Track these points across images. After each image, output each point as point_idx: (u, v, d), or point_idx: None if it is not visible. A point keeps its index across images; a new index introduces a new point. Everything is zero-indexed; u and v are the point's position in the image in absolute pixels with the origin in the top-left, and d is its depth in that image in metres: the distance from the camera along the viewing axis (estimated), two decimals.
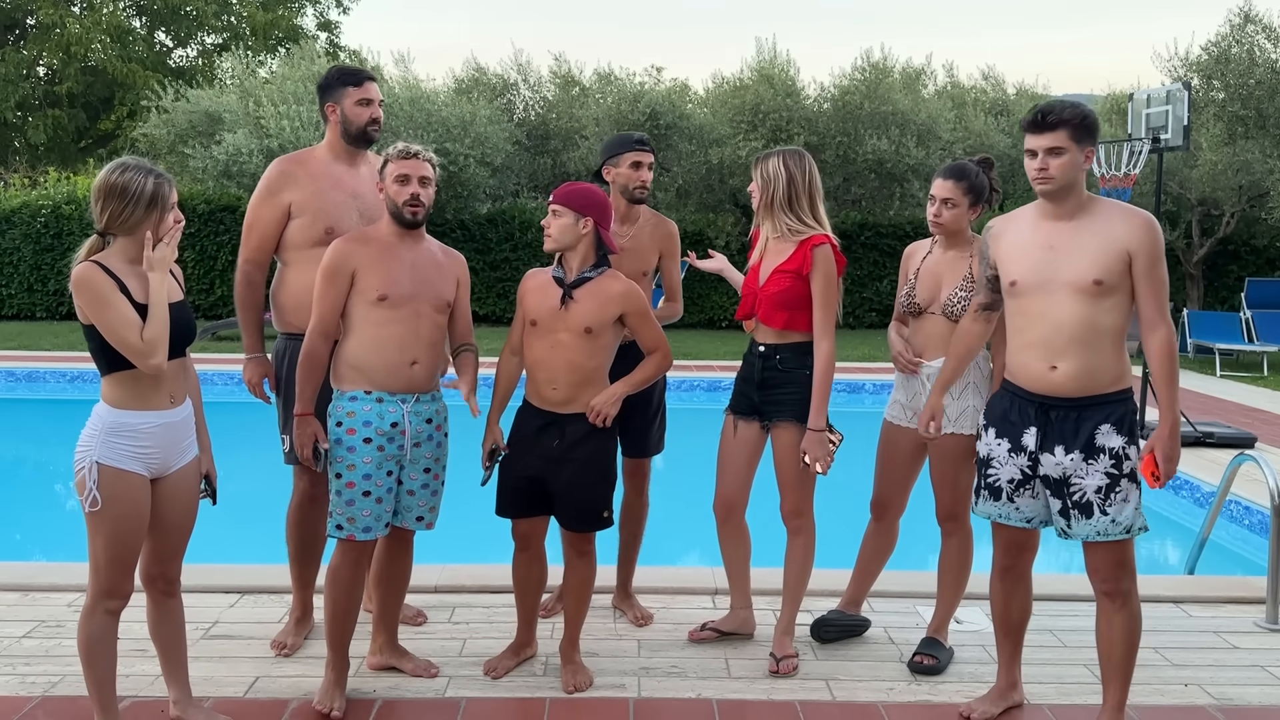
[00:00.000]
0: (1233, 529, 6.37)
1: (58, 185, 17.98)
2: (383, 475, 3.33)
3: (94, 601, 2.94)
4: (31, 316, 17.07)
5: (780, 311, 3.62)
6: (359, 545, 3.34)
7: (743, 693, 3.50)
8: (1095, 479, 3.04)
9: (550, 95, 17.87)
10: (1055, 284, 3.02)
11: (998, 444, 3.19)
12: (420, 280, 3.36)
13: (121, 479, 2.87)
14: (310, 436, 3.33)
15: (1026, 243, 3.10)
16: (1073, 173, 3.00)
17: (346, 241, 3.38)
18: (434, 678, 3.54)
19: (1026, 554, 3.31)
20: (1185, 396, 10.39)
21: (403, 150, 3.34)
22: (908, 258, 3.84)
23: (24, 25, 23.88)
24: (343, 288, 3.33)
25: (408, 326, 3.32)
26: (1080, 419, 3.05)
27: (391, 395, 3.33)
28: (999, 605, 3.37)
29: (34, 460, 8.88)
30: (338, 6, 27.95)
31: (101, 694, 2.98)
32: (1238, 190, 14.72)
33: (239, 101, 15.36)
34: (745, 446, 3.77)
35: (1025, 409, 3.13)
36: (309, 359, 3.35)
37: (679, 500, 5.80)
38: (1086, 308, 2.99)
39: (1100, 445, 3.03)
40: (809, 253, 3.60)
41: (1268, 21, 13.98)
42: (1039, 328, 3.05)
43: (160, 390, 2.94)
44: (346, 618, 3.36)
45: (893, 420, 3.83)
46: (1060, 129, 2.97)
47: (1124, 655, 3.14)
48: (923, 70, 17.61)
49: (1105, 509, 3.04)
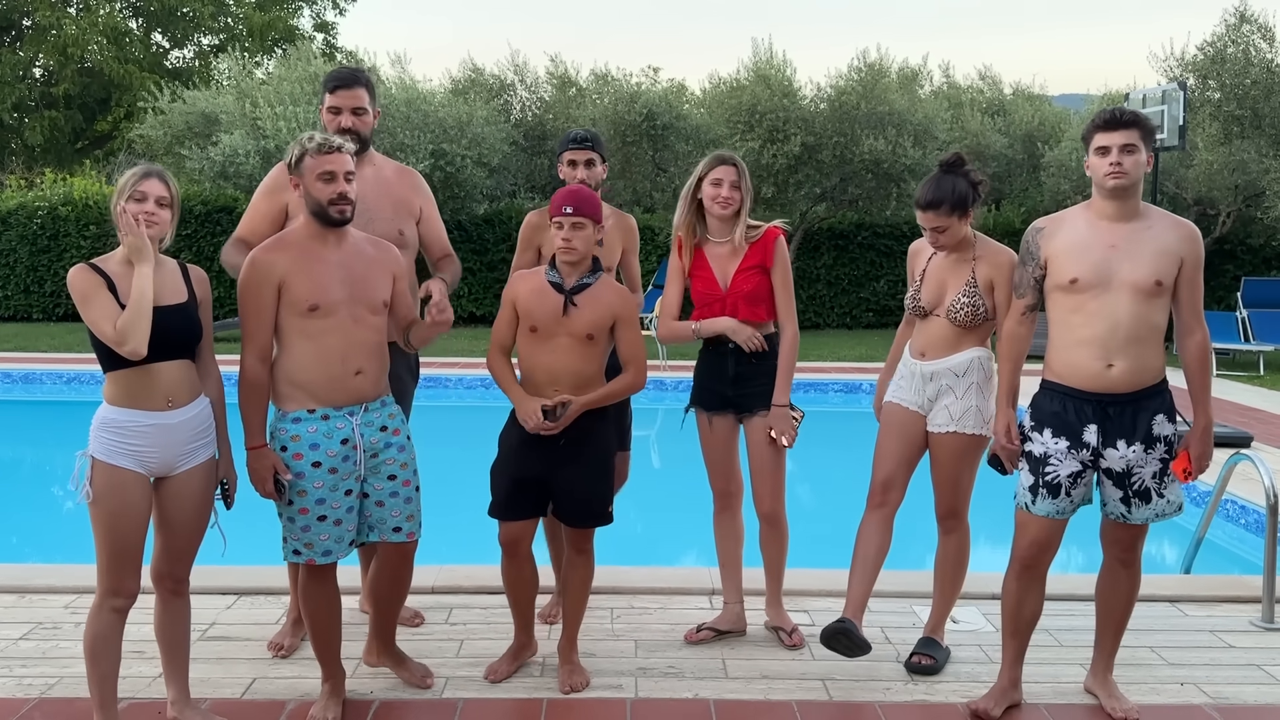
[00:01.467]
0: (1229, 528, 6.38)
1: (54, 186, 17.95)
2: (339, 496, 3.16)
3: (100, 599, 2.97)
4: (28, 318, 17.05)
5: (759, 307, 3.75)
6: (323, 566, 3.22)
7: (740, 693, 3.50)
8: (1153, 466, 3.23)
9: (547, 96, 17.89)
10: (1117, 282, 3.14)
11: (1055, 442, 3.25)
12: (352, 281, 3.15)
13: (113, 474, 2.90)
14: (269, 469, 3.11)
15: (1086, 242, 3.19)
16: (1140, 171, 3.15)
17: (264, 251, 3.14)
18: (429, 688, 3.47)
19: (1049, 553, 3.36)
20: (1180, 395, 10.37)
21: (324, 144, 3.10)
22: (915, 255, 3.81)
23: (20, 26, 23.86)
24: (269, 301, 3.08)
25: (345, 335, 3.12)
26: (1137, 412, 3.21)
27: (337, 410, 3.14)
28: (1012, 603, 3.40)
29: (31, 462, 8.87)
30: (334, 8, 27.96)
31: (102, 692, 2.99)
32: (1234, 190, 14.74)
33: (235, 102, 15.35)
34: (727, 439, 3.88)
35: (1083, 407, 3.22)
36: (249, 386, 3.12)
37: (677, 501, 5.80)
38: (1143, 307, 3.14)
39: (1157, 435, 3.22)
40: (771, 245, 3.76)
41: (1263, 21, 14.02)
42: (1096, 326, 3.16)
43: (154, 392, 2.93)
44: (328, 634, 3.28)
45: (899, 401, 3.72)
46: (1134, 128, 3.13)
47: (1125, 612, 3.46)
48: (919, 70, 17.63)
49: (1162, 492, 3.26)
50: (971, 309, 3.54)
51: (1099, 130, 3.16)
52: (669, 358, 11.70)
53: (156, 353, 2.91)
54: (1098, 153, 3.16)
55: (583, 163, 3.93)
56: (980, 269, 3.57)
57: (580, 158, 3.93)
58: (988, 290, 3.56)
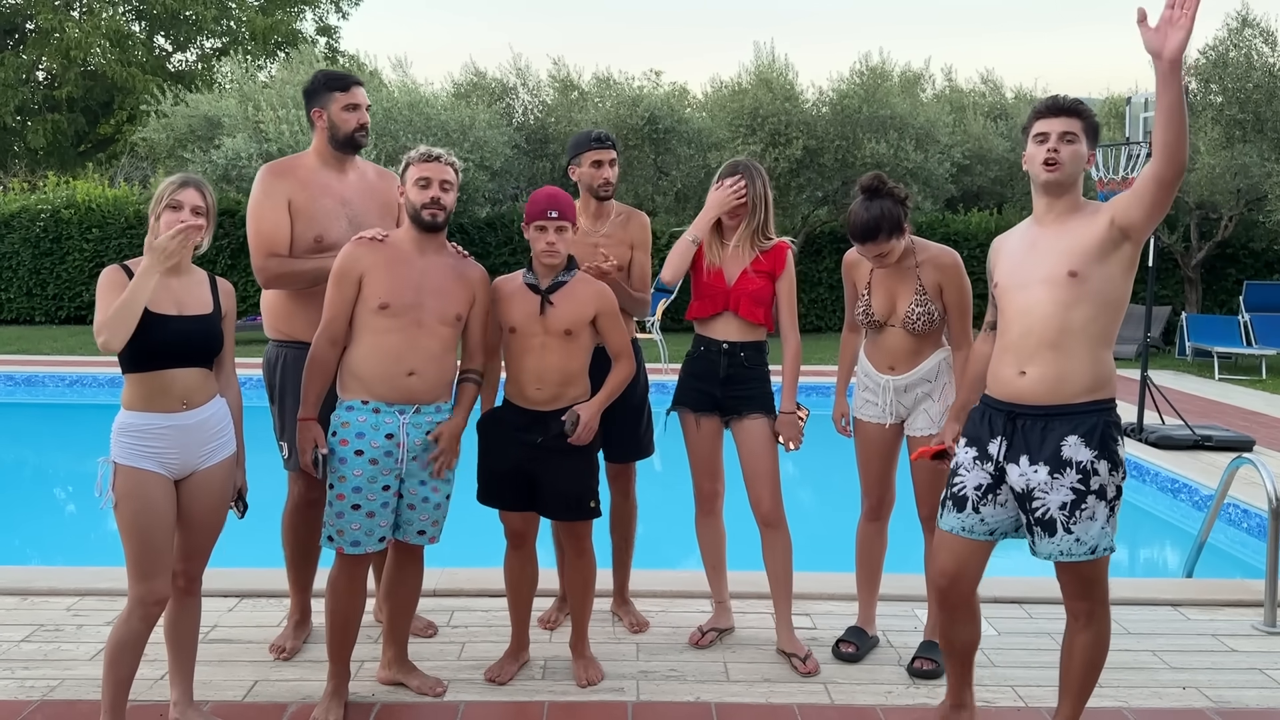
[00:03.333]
0: (1231, 532, 6.37)
1: (57, 189, 17.99)
2: (376, 489, 3.25)
3: (130, 606, 2.97)
4: (30, 321, 17.09)
5: (759, 307, 3.75)
6: (353, 557, 3.29)
7: (741, 696, 3.50)
8: (1060, 494, 2.83)
9: (549, 99, 17.91)
10: (1033, 281, 2.88)
11: (965, 452, 3.04)
12: (428, 290, 3.28)
13: (133, 476, 2.92)
14: (310, 441, 3.28)
15: (1014, 246, 3.02)
16: (1079, 166, 2.87)
17: (358, 245, 3.32)
18: (439, 697, 3.46)
19: (962, 583, 3.05)
20: (1184, 399, 10.40)
21: (424, 154, 3.30)
22: (853, 266, 3.77)
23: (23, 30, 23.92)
24: (349, 293, 3.27)
25: (405, 336, 3.25)
26: (1046, 429, 2.86)
27: (389, 406, 3.26)
28: (942, 632, 3.18)
29: (33, 464, 8.88)
30: (337, 11, 28.02)
31: (114, 696, 3.00)
32: (1236, 194, 14.75)
33: (238, 106, 15.38)
34: (713, 441, 3.87)
35: (994, 417, 2.97)
36: (312, 362, 3.30)
37: (678, 504, 5.80)
38: (1058, 306, 2.82)
39: (1067, 458, 2.83)
40: (783, 256, 3.78)
41: (1265, 25, 14.03)
42: (1013, 330, 2.92)
43: (170, 395, 2.97)
44: (345, 626, 3.32)
45: (867, 419, 3.78)
46: (1076, 117, 2.88)
47: (1082, 674, 2.98)
48: (921, 74, 17.69)
49: (1070, 527, 2.83)
50: (927, 317, 3.58)
51: (1039, 117, 2.91)
52: (670, 360, 11.70)
53: (176, 360, 2.96)
54: (1036, 140, 2.90)
55: (608, 162, 3.91)
56: (925, 275, 3.58)
57: (605, 157, 3.90)
58: (936, 295, 3.59)
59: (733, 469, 3.85)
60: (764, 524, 3.79)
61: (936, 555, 3.09)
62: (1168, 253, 16.45)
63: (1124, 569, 6.29)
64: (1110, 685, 3.61)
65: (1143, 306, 16.19)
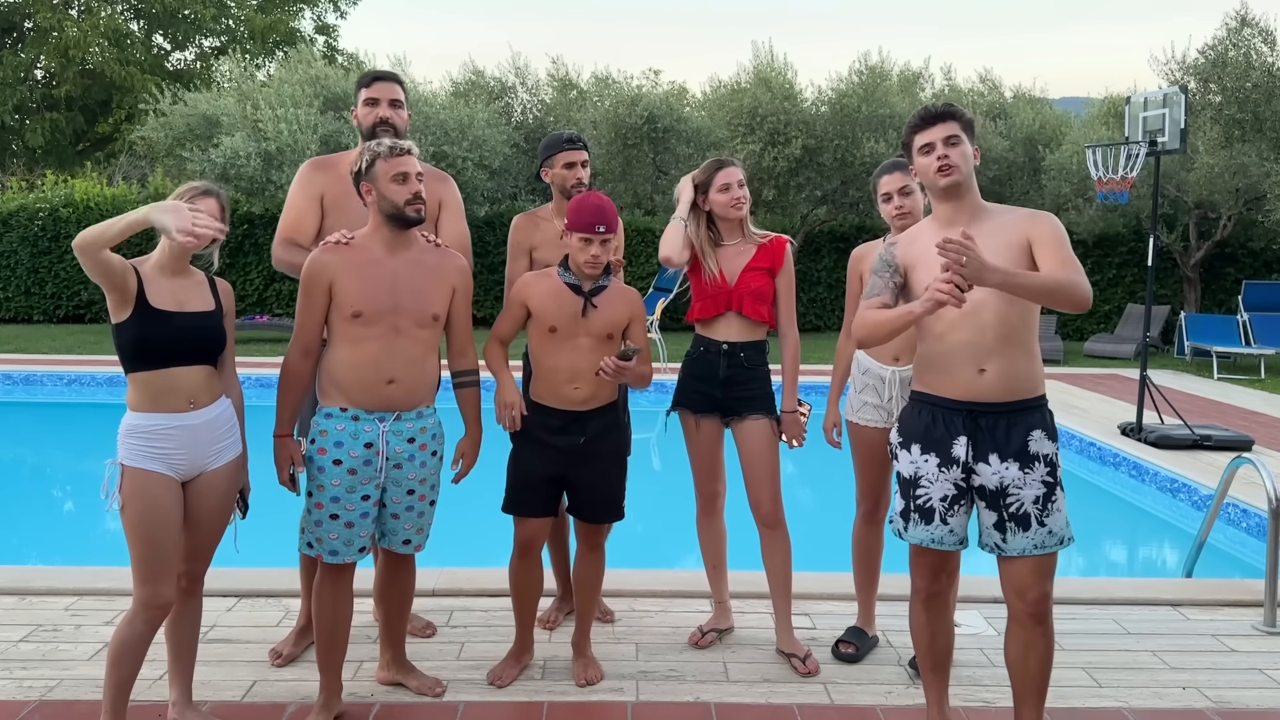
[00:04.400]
0: (1230, 532, 6.38)
1: (55, 188, 17.99)
2: (355, 499, 3.17)
3: (134, 609, 2.95)
4: (29, 319, 17.07)
5: (762, 305, 3.75)
6: (336, 565, 3.23)
7: (741, 696, 3.50)
8: (1033, 489, 2.86)
9: (548, 98, 17.91)
10: None
11: (924, 460, 2.95)
12: (403, 292, 3.18)
13: (140, 477, 2.91)
14: (286, 459, 3.21)
15: (931, 250, 2.93)
16: (969, 163, 2.92)
17: (324, 250, 3.20)
18: (439, 697, 3.45)
19: (951, 577, 3.12)
20: (1183, 399, 10.40)
21: (394, 147, 3.17)
22: (860, 261, 3.80)
23: (22, 29, 23.89)
24: (320, 301, 3.17)
25: (383, 344, 3.16)
26: (1010, 426, 2.87)
27: (368, 414, 3.17)
28: (925, 637, 3.14)
29: (31, 463, 8.87)
30: (335, 10, 28.00)
31: (115, 698, 2.99)
32: (1235, 193, 14.75)
33: (236, 105, 15.36)
34: (713, 442, 3.87)
35: (952, 419, 2.91)
36: (286, 375, 3.23)
37: (678, 504, 5.80)
38: (1007, 303, 2.85)
39: (1035, 453, 2.87)
40: (782, 251, 3.79)
41: (1264, 25, 14.03)
42: (965, 329, 2.87)
43: (175, 394, 2.96)
44: (332, 633, 3.26)
45: (866, 423, 3.78)
46: (950, 119, 2.91)
47: (1042, 675, 2.94)
48: (920, 73, 17.66)
49: (1043, 520, 2.86)
50: None
51: (917, 131, 2.95)
52: (670, 360, 11.70)
53: (180, 357, 2.95)
54: (922, 152, 2.93)
55: (580, 163, 3.93)
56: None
57: (578, 159, 3.92)
58: None
59: (733, 469, 3.84)
60: (764, 525, 3.79)
61: (913, 573, 3.09)
62: (1167, 252, 16.45)
63: (1124, 569, 6.29)
64: (1110, 685, 3.61)
65: (1142, 306, 16.22)
